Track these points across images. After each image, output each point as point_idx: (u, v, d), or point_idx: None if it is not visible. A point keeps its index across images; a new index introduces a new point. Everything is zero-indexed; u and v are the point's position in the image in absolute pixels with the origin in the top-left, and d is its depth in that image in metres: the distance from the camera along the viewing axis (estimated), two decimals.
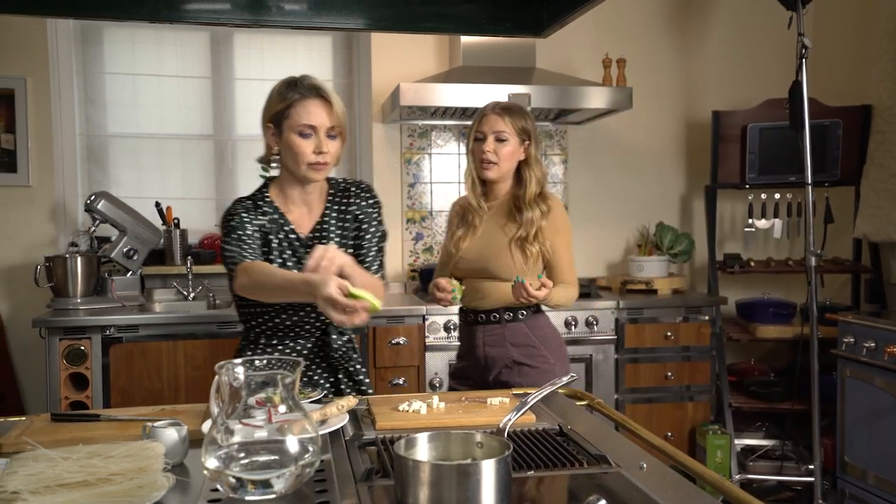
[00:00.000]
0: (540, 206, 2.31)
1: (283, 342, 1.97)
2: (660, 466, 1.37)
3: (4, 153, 3.64)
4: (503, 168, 2.32)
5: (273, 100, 1.90)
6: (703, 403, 3.70)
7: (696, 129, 4.25)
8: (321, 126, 1.87)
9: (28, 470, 1.15)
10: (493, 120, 2.30)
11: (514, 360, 2.32)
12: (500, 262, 2.30)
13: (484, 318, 2.35)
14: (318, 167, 1.88)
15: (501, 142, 2.29)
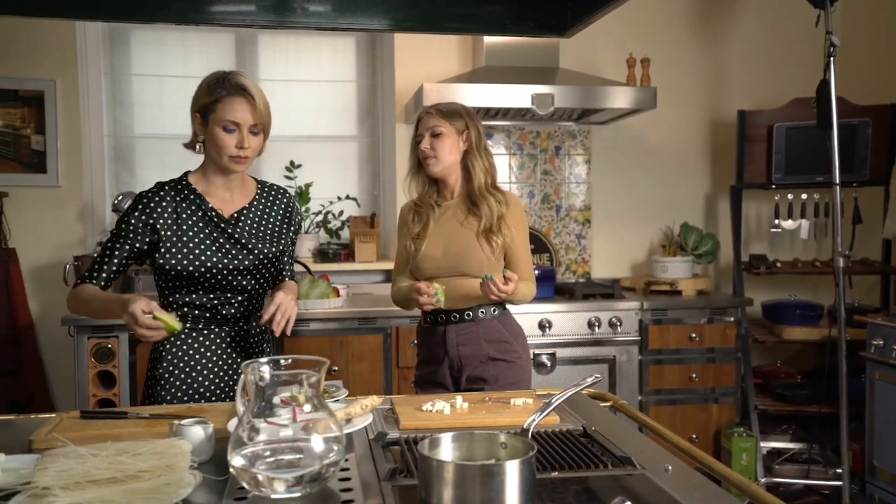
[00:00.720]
0: (495, 196, 2.34)
1: (208, 327, 2.03)
2: (685, 469, 1.36)
3: (35, 154, 3.70)
4: (444, 160, 2.34)
5: (202, 92, 2.01)
6: (727, 405, 3.66)
7: (721, 129, 4.22)
8: (244, 123, 1.97)
9: (58, 466, 1.17)
10: (426, 119, 2.36)
11: (488, 356, 2.32)
12: (469, 258, 2.30)
13: (457, 316, 2.34)
14: (239, 160, 1.99)
15: (437, 136, 2.33)
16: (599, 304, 3.56)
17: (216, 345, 2.03)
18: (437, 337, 2.36)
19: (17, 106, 3.67)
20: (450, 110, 2.36)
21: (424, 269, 2.35)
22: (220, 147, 1.97)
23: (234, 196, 2.08)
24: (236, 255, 2.00)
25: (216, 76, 2.01)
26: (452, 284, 2.30)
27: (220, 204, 2.05)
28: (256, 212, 2.10)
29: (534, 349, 3.45)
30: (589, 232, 4.17)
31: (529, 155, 4.10)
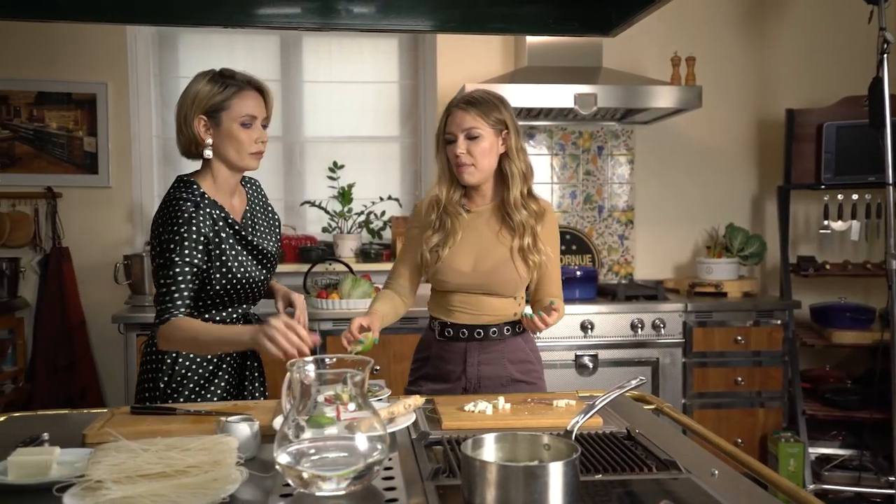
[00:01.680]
0: (528, 207, 2.08)
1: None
2: (732, 474, 1.34)
3: (87, 156, 3.79)
4: (483, 167, 2.04)
5: (205, 92, 1.89)
6: (774, 410, 3.59)
7: (768, 128, 4.14)
8: (259, 116, 1.93)
9: (111, 460, 1.20)
10: (459, 116, 2.02)
11: (511, 377, 2.10)
12: (503, 276, 2.06)
13: (481, 333, 2.08)
14: (259, 156, 1.94)
15: (474, 139, 2.01)
16: (642, 306, 3.52)
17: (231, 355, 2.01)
18: (456, 354, 2.11)
19: (70, 109, 3.77)
20: (486, 104, 2.03)
21: (449, 282, 2.09)
22: (240, 144, 1.89)
23: (239, 199, 2.02)
24: (256, 265, 1.96)
25: (212, 74, 1.93)
26: (478, 302, 2.08)
27: (230, 208, 1.96)
28: (254, 209, 2.06)
29: (575, 350, 3.43)
30: (632, 233, 4.13)
31: (572, 155, 4.08)
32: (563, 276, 3.55)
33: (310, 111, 4.09)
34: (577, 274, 3.64)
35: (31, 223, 3.74)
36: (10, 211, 3.74)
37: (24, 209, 3.76)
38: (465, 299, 2.10)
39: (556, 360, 3.42)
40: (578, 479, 1.14)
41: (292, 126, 4.08)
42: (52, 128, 3.76)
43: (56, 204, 3.75)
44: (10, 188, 3.75)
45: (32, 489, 1.27)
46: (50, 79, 3.74)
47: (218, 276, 1.88)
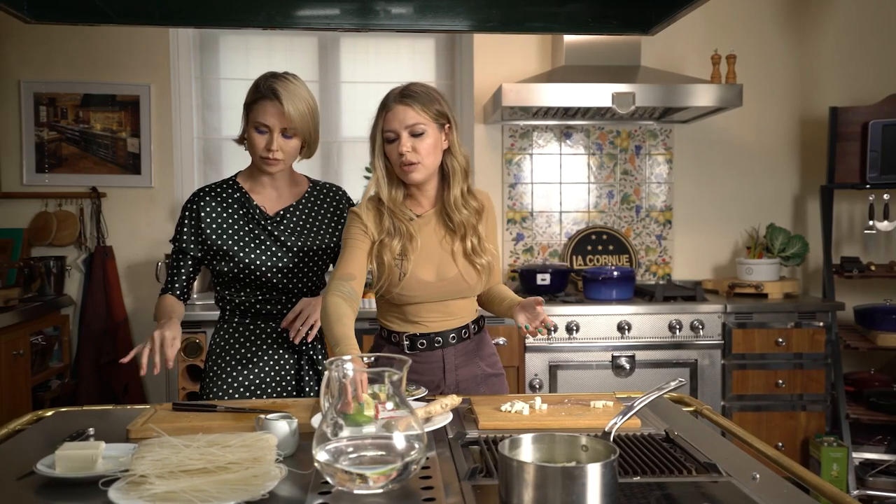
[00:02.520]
0: (468, 205, 1.97)
1: (254, 322, 2.10)
2: (773, 477, 1.32)
3: (130, 156, 3.87)
4: (429, 165, 1.90)
5: (250, 91, 2.05)
6: (816, 414, 3.53)
7: (811, 127, 4.06)
8: (275, 126, 2.00)
9: (154, 455, 1.22)
10: (401, 112, 1.87)
11: (484, 374, 2.06)
12: (464, 283, 1.97)
13: (455, 337, 2.01)
14: (269, 162, 2.02)
15: (419, 136, 1.88)
16: (680, 307, 3.48)
17: (262, 340, 2.09)
18: (433, 364, 2.01)
19: (114, 110, 3.84)
20: (427, 97, 1.90)
21: (414, 296, 1.95)
22: (252, 146, 2.04)
23: (282, 195, 2.12)
24: (276, 252, 2.04)
25: (264, 76, 2.05)
26: (444, 308, 1.99)
27: (265, 202, 2.10)
28: (304, 210, 2.13)
29: (612, 351, 3.41)
30: (670, 233, 4.08)
31: (609, 155, 4.05)
32: (599, 277, 3.58)
33: (347, 112, 4.11)
34: (615, 274, 3.61)
35: (76, 222, 3.83)
36: (56, 210, 3.83)
37: (70, 209, 3.85)
38: (432, 307, 1.98)
39: (593, 361, 3.40)
40: (617, 480, 1.13)
41: (330, 126, 4.11)
42: (96, 129, 3.84)
43: (100, 204, 3.83)
44: (57, 188, 3.84)
45: (78, 482, 1.30)
46: (95, 81, 3.82)
47: (223, 262, 2.03)
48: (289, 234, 2.07)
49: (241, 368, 2.07)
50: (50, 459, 1.36)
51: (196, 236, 2.05)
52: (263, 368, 2.08)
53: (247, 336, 2.09)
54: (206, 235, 2.04)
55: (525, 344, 3.37)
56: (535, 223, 4.03)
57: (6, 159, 3.78)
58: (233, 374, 2.07)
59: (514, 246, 4.02)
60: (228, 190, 2.10)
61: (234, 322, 2.10)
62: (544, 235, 4.03)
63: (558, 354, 3.40)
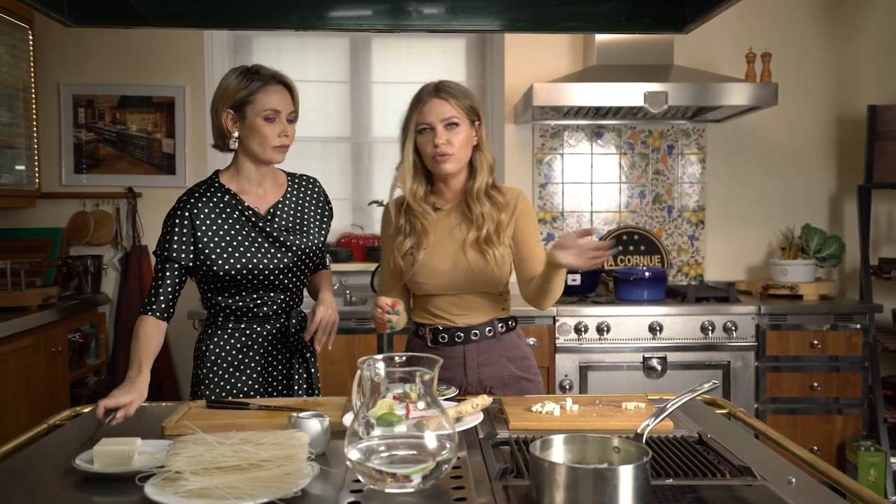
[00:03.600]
0: (493, 198, 2.01)
1: (250, 326, 2.05)
2: (809, 482, 1.30)
3: (165, 157, 3.92)
4: (461, 158, 1.98)
5: (232, 88, 1.99)
6: (853, 417, 3.46)
7: (848, 126, 3.99)
8: (284, 111, 1.99)
9: (189, 452, 1.24)
10: (438, 105, 1.95)
11: (513, 376, 2.05)
12: (476, 277, 1.99)
13: (477, 334, 2.01)
14: (283, 149, 2.01)
15: (453, 127, 1.95)
16: (713, 308, 3.44)
17: (257, 343, 2.05)
18: (454, 359, 2.03)
19: (150, 111, 3.90)
20: (462, 93, 1.98)
21: (430, 284, 2.02)
22: (263, 138, 1.97)
23: (267, 191, 2.07)
24: (275, 253, 2.00)
25: (243, 70, 2.01)
26: (465, 302, 2.03)
27: (254, 201, 2.04)
28: (291, 204, 2.09)
29: (643, 353, 3.38)
30: (702, 233, 4.04)
31: (641, 154, 4.02)
32: (630, 277, 3.56)
33: (378, 112, 4.13)
34: (646, 275, 3.58)
35: (113, 222, 3.90)
36: (94, 210, 3.90)
37: (107, 209, 3.91)
38: (453, 301, 2.03)
39: (624, 362, 3.38)
40: (649, 483, 1.13)
41: (361, 127, 4.13)
42: (132, 130, 3.90)
43: (136, 203, 3.89)
44: (94, 188, 3.91)
45: (116, 477, 1.32)
46: (132, 83, 3.88)
47: (215, 266, 1.96)
48: (285, 232, 2.04)
49: (234, 371, 2.04)
50: (88, 455, 1.38)
51: (189, 244, 1.97)
52: (256, 369, 2.05)
53: (242, 340, 2.04)
54: (203, 243, 1.97)
55: (556, 345, 3.36)
56: (565, 223, 4.01)
57: (46, 160, 3.85)
58: (226, 378, 2.04)
59: (545, 246, 4.00)
60: (218, 193, 2.02)
61: (229, 328, 2.04)
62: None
63: (589, 355, 3.38)
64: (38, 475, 1.41)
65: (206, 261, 1.96)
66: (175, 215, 2.00)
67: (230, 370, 2.05)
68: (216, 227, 1.99)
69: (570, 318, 3.36)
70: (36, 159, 3.76)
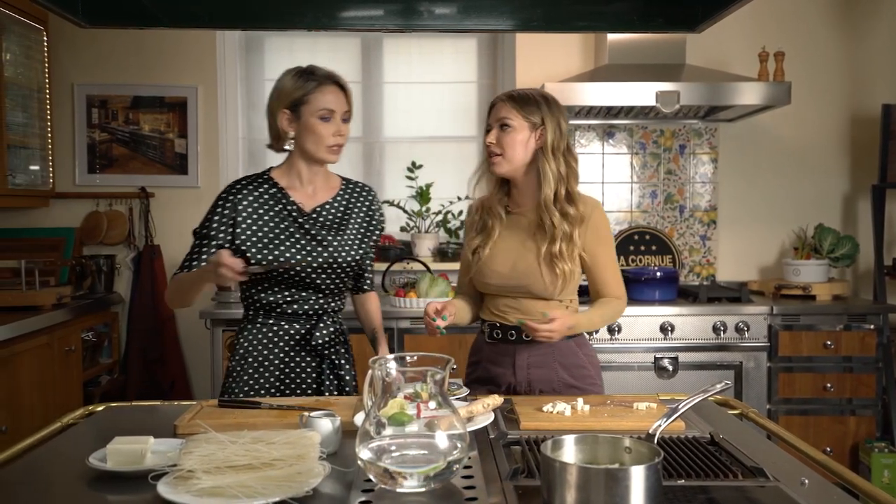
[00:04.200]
0: (566, 211, 1.99)
1: (278, 323, 2.06)
2: (823, 483, 1.29)
3: (178, 157, 3.94)
4: (512, 158, 2.01)
5: (288, 88, 2.03)
6: (867, 418, 3.44)
7: (862, 125, 3.96)
8: (339, 111, 2.02)
9: (201, 451, 1.24)
10: (497, 108, 2.05)
11: (564, 382, 2.04)
12: (533, 281, 2.01)
13: (529, 336, 1.97)
14: (337, 149, 2.03)
15: (505, 128, 2.01)
16: (725, 308, 3.43)
17: (283, 340, 2.06)
18: (505, 356, 2.06)
19: (163, 112, 3.92)
20: (524, 99, 2.01)
21: (489, 284, 2.07)
22: (318, 137, 2.00)
23: (317, 190, 2.10)
24: (311, 251, 2.01)
25: (298, 71, 2.06)
26: (522, 305, 2.04)
27: (301, 198, 2.07)
28: (340, 208, 2.11)
29: (655, 353, 3.37)
30: (714, 233, 4.02)
31: (652, 154, 4.00)
32: (642, 277, 3.54)
33: (389, 112, 4.14)
34: (658, 275, 3.57)
35: (126, 222, 3.92)
36: (107, 210, 3.92)
37: (120, 208, 3.93)
38: (510, 302, 2.07)
39: (635, 362, 3.37)
40: (661, 483, 1.12)
41: (372, 127, 4.14)
42: (145, 130, 3.92)
43: (149, 203, 3.91)
44: (107, 188, 3.93)
45: (129, 476, 1.33)
46: (145, 83, 3.90)
47: (248, 254, 1.98)
48: (324, 232, 2.05)
49: (263, 371, 2.05)
50: (102, 453, 1.39)
51: (228, 227, 2.00)
52: (284, 370, 2.06)
53: (269, 337, 2.06)
54: (241, 229, 2.00)
55: None
56: None
57: (60, 160, 3.88)
58: (254, 377, 2.05)
59: None
60: (265, 185, 2.06)
61: (258, 322, 2.07)
62: None
63: (600, 355, 3.28)
64: (52, 473, 1.42)
65: (241, 246, 1.99)
66: (220, 198, 2.05)
67: (254, 365, 2.06)
68: (256, 217, 2.02)
69: None
70: (50, 159, 3.79)
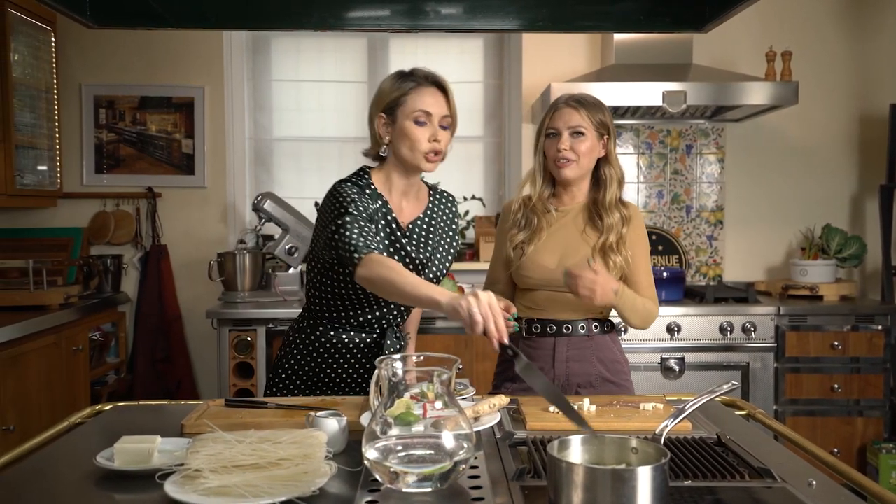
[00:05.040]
0: (620, 211, 2.11)
1: (346, 332, 1.99)
2: (830, 484, 1.29)
3: (184, 157, 3.95)
4: (583, 165, 2.08)
5: (385, 91, 1.92)
6: (874, 419, 3.43)
7: (870, 125, 3.95)
8: (437, 114, 1.88)
9: (208, 450, 1.24)
10: (567, 113, 2.07)
11: (601, 377, 2.08)
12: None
13: (570, 328, 2.08)
14: (433, 158, 1.89)
15: (578, 136, 2.06)
16: (732, 309, 3.42)
17: (348, 349, 2.01)
18: (544, 350, 2.11)
19: (170, 112, 3.93)
20: (594, 107, 2.09)
21: (532, 277, 2.10)
22: (412, 142, 1.87)
23: (412, 203, 1.99)
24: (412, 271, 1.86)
25: (399, 72, 1.95)
26: (564, 299, 2.07)
27: (399, 212, 1.94)
28: (429, 221, 2.01)
29: (661, 353, 3.37)
30: (721, 233, 4.01)
31: (659, 154, 4.00)
32: None
33: None
34: (664, 275, 3.56)
35: (133, 222, 3.93)
36: (114, 210, 3.94)
37: (127, 208, 3.95)
38: (551, 296, 2.09)
39: (641, 363, 3.36)
40: (667, 484, 1.12)
41: None
42: (152, 130, 3.93)
43: (156, 203, 3.92)
44: (114, 188, 3.94)
45: (136, 475, 1.34)
46: (152, 84, 3.91)
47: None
48: (416, 248, 1.95)
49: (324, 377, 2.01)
50: (109, 452, 1.40)
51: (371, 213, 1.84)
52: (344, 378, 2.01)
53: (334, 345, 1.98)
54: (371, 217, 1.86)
55: None
56: None
57: (67, 161, 3.89)
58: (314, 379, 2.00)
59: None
60: (367, 190, 1.90)
61: (319, 329, 1.99)
62: None
63: None
64: (59, 472, 1.42)
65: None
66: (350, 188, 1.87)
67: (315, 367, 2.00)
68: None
69: None
70: (58, 159, 3.80)
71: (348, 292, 1.94)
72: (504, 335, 1.47)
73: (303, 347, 2.03)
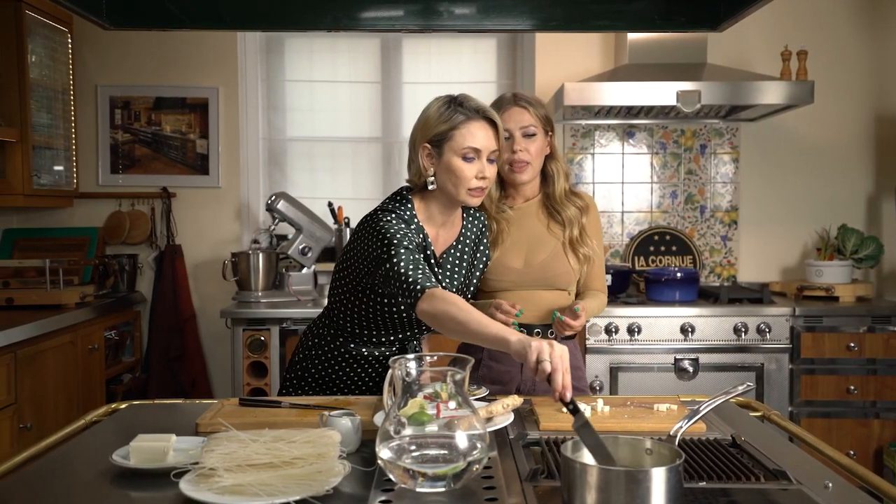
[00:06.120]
0: (575, 203, 2.09)
1: (366, 345, 1.98)
2: (847, 487, 1.28)
3: (199, 157, 3.97)
4: (536, 166, 2.05)
5: (432, 121, 1.85)
6: (891, 422, 3.40)
7: (887, 124, 3.92)
8: (485, 150, 1.83)
9: (223, 449, 1.25)
10: (517, 113, 2.01)
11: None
12: (558, 270, 2.05)
13: (540, 333, 2.03)
14: (479, 193, 1.85)
15: (530, 137, 2.01)
16: (746, 309, 3.40)
17: (366, 360, 2.00)
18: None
19: (184, 112, 3.96)
20: (538, 104, 2.06)
21: (502, 280, 2.05)
22: (458, 179, 1.81)
23: (447, 231, 1.95)
24: None
25: (446, 101, 1.87)
26: (532, 298, 2.04)
27: (434, 241, 1.92)
28: (462, 248, 1.98)
29: (675, 354, 3.35)
30: (735, 233, 3.99)
31: (673, 154, 3.98)
32: (662, 278, 3.52)
33: (409, 112, 4.14)
34: (678, 276, 3.54)
35: (148, 222, 3.95)
36: (129, 210, 3.96)
37: (142, 208, 3.97)
38: (518, 296, 2.02)
39: (655, 364, 3.35)
40: (682, 485, 1.12)
41: (391, 127, 4.15)
42: (167, 131, 3.96)
43: (171, 203, 3.95)
44: (130, 188, 3.97)
45: (151, 473, 1.35)
46: (167, 84, 3.94)
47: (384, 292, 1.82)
48: (448, 278, 1.92)
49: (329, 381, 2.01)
50: (125, 451, 1.41)
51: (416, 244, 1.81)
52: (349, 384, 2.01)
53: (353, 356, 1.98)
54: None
55: (586, 345, 3.34)
56: None
57: (83, 161, 3.92)
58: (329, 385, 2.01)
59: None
60: (412, 224, 1.85)
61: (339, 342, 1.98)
62: (606, 236, 3.99)
63: (619, 356, 3.36)
64: (75, 470, 1.44)
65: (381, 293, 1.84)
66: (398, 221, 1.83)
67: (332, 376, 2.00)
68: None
69: (601, 318, 3.34)
70: (74, 160, 3.83)
71: (383, 317, 1.91)
72: (568, 390, 1.39)
73: (320, 353, 2.03)
